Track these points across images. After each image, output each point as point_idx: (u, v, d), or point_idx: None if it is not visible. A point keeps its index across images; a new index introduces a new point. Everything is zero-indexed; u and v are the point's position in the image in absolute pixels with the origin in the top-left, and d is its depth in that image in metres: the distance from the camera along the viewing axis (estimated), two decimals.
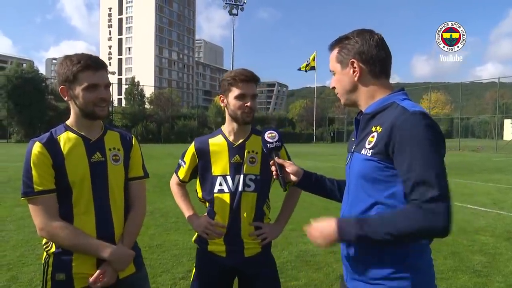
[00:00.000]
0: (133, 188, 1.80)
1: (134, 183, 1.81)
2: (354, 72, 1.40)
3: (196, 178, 2.10)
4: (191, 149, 2.06)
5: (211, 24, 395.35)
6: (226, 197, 1.96)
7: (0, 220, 6.10)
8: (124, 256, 1.68)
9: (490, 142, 43.78)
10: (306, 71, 45.07)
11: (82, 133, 1.68)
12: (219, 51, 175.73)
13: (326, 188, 1.70)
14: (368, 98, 1.41)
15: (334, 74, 1.48)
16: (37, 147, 1.59)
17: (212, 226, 1.95)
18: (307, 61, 44.71)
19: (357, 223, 1.26)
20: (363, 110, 1.43)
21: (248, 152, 1.99)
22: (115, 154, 1.72)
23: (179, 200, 2.13)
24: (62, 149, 1.61)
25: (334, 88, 1.50)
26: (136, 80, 51.90)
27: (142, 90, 49.31)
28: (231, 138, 2.01)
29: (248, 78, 1.93)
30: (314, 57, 44.72)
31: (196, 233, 2.06)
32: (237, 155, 1.98)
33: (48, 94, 40.66)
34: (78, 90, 1.60)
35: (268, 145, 1.73)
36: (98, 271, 1.63)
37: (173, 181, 2.17)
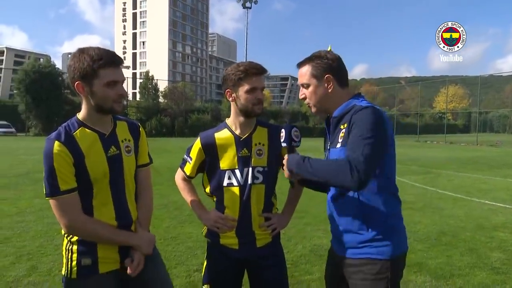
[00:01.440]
0: (142, 175, 1.87)
1: (142, 170, 1.88)
2: (328, 85, 1.70)
3: (202, 172, 2.09)
4: (197, 144, 2.04)
5: (224, 17, 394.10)
6: (236, 190, 1.97)
7: (20, 211, 6.26)
8: (149, 240, 1.79)
9: (509, 137, 42.80)
10: None
11: (97, 128, 1.68)
12: (233, 45, 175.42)
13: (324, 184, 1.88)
14: (335, 105, 1.72)
15: (305, 86, 1.75)
16: (57, 146, 1.57)
17: (223, 219, 1.96)
18: None
19: (300, 159, 1.61)
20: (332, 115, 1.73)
21: (255, 144, 2.00)
22: (127, 145, 1.77)
23: (186, 195, 2.13)
24: (81, 146, 1.61)
25: (304, 99, 1.78)
26: (150, 74, 52.28)
27: (156, 84, 49.64)
28: (237, 132, 2.01)
29: (259, 72, 1.93)
30: (330, 50, 44.11)
31: (206, 227, 2.07)
32: (244, 148, 1.98)
33: (65, 89, 41.35)
34: (98, 86, 1.59)
35: (293, 143, 1.76)
36: (134, 260, 1.71)
37: (179, 176, 2.16)
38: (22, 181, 9.29)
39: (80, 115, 1.68)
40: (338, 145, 1.63)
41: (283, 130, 1.77)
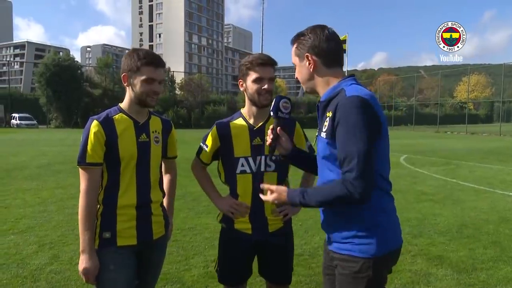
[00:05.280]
0: (170, 163, 2.20)
1: (170, 161, 2.19)
2: (309, 64, 1.63)
3: (217, 160, 2.18)
4: (213, 132, 2.12)
5: (238, 5, 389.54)
6: (249, 178, 2.05)
7: (42, 202, 6.42)
8: None
9: None
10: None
11: (133, 116, 1.93)
12: (248, 36, 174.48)
13: (310, 162, 1.87)
14: (323, 86, 1.64)
15: (295, 66, 1.72)
16: (94, 125, 1.84)
17: (237, 205, 2.04)
18: None
19: (300, 193, 1.55)
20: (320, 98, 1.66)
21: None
22: (156, 136, 1.99)
23: (202, 182, 2.23)
24: (117, 128, 1.87)
25: (297, 78, 1.73)
26: (166, 66, 52.55)
27: (172, 76, 49.95)
28: (251, 121, 2.09)
29: (264, 62, 2.00)
30: (346, 39, 43.35)
31: (221, 213, 2.16)
32: (257, 137, 2.06)
33: (84, 81, 42.08)
34: (138, 80, 1.86)
35: (279, 113, 1.77)
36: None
37: (195, 163, 2.23)
38: (44, 172, 9.52)
39: (122, 104, 1.96)
40: (322, 135, 1.57)
41: (274, 99, 1.81)
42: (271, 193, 1.63)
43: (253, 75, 1.99)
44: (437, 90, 48.93)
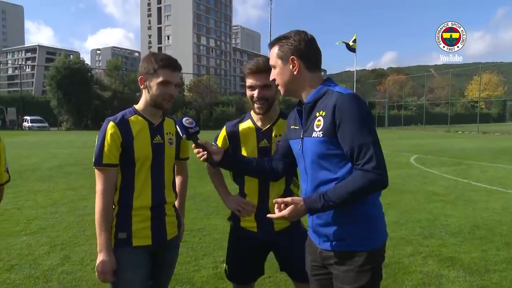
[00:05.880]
0: (181, 164, 2.22)
1: (182, 162, 2.21)
2: (293, 67, 1.63)
3: None
4: (223, 132, 2.19)
5: (246, 5, 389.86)
6: (256, 178, 2.06)
7: (54, 203, 6.50)
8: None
9: None
10: (350, 49, 42.68)
11: (148, 118, 1.95)
12: (256, 37, 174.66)
13: (252, 165, 1.90)
14: (306, 89, 1.66)
15: (274, 68, 1.70)
16: (111, 126, 1.86)
17: (244, 204, 2.07)
18: (344, 41, 42.65)
19: (318, 197, 1.52)
20: (303, 100, 1.68)
21: (276, 136, 2.09)
22: (170, 138, 2.01)
23: (214, 180, 2.26)
24: (132, 129, 1.90)
25: (274, 80, 1.72)
26: None
27: (181, 77, 50.07)
28: (259, 123, 2.11)
29: (254, 70, 1.99)
30: (355, 39, 42.94)
31: (230, 212, 2.19)
32: (264, 140, 2.09)
33: (94, 84, 42.53)
34: (154, 82, 1.88)
35: (190, 130, 1.81)
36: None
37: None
38: (55, 173, 9.64)
39: (137, 106, 1.98)
40: (314, 134, 1.57)
41: (176, 126, 1.84)
42: (285, 206, 1.56)
43: (247, 83, 2.04)
44: (447, 89, 48.37)
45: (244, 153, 2.10)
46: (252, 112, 2.16)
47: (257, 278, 2.24)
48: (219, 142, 2.18)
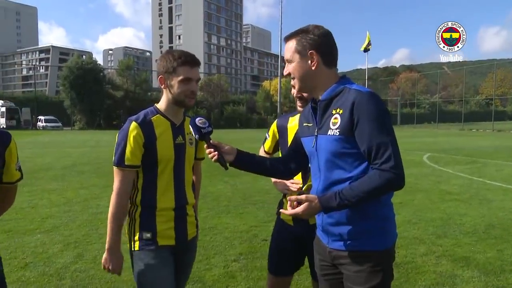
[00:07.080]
0: (197, 164, 2.19)
1: (197, 162, 2.19)
2: (312, 62, 1.59)
3: (278, 151, 2.37)
4: (274, 125, 2.32)
5: (256, 4, 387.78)
6: None
7: (67, 201, 6.59)
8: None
9: None
10: (366, 50, 42.49)
11: (170, 118, 1.93)
12: (267, 35, 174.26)
13: (265, 164, 1.85)
14: (322, 85, 1.61)
15: (290, 62, 1.65)
16: (133, 127, 1.83)
17: (290, 183, 2.14)
18: (366, 47, 42.19)
19: (334, 195, 1.49)
20: (319, 97, 1.62)
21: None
22: (190, 138, 1.99)
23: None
24: (155, 130, 1.87)
25: (289, 74, 1.67)
26: None
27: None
28: None
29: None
30: (369, 39, 42.49)
31: (279, 202, 2.34)
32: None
33: (106, 84, 43.02)
34: (175, 81, 1.85)
35: (202, 130, 1.80)
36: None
37: (261, 151, 2.46)
38: (69, 172, 9.78)
39: (159, 105, 1.95)
40: (330, 132, 1.54)
41: (190, 126, 1.83)
42: (298, 204, 1.53)
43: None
44: (461, 86, 47.58)
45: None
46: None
47: (293, 272, 2.28)
48: (270, 133, 2.35)
